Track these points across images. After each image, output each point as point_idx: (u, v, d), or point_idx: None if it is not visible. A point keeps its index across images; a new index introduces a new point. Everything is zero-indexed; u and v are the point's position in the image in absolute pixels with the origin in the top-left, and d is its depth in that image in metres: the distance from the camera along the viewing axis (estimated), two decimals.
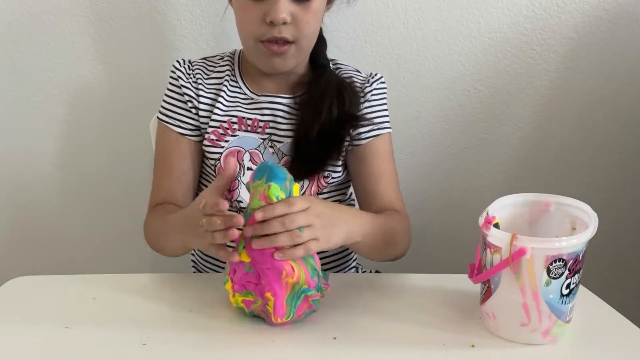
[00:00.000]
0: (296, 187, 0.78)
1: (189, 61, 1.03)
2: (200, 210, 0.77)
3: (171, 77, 1.02)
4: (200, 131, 1.01)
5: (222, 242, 0.75)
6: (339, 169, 1.01)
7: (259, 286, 0.76)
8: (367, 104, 1.02)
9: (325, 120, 0.95)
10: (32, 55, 1.27)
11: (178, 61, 1.02)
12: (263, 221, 0.74)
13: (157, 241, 0.98)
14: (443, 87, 1.30)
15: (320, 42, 1.03)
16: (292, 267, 0.74)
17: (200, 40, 1.26)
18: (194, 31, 1.26)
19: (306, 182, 0.99)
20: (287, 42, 0.92)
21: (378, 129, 1.01)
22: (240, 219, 0.74)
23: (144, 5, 1.24)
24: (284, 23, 0.90)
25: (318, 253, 0.79)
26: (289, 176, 0.77)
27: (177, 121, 1.01)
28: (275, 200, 0.74)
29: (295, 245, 0.75)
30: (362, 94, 1.02)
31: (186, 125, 1.01)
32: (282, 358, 0.72)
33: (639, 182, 1.37)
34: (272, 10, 0.89)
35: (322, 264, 0.95)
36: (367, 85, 1.03)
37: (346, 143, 1.00)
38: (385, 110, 1.04)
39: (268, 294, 0.75)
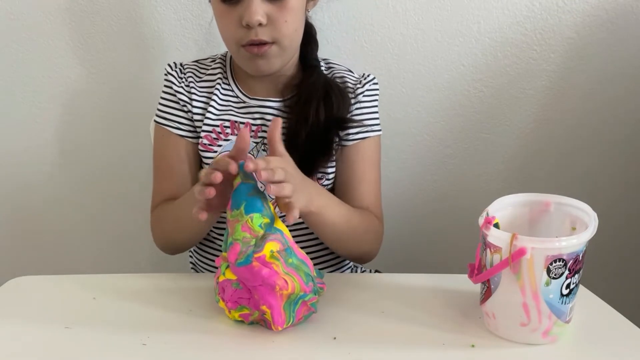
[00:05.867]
0: (269, 203, 0.78)
1: (181, 64, 1.03)
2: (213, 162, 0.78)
3: (165, 79, 1.02)
4: (197, 132, 1.01)
5: (199, 198, 0.76)
6: (332, 170, 1.01)
7: (252, 300, 0.75)
8: (357, 105, 1.01)
9: (312, 124, 0.95)
10: (32, 55, 1.27)
11: (170, 65, 1.03)
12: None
13: (170, 232, 0.98)
14: (443, 87, 1.30)
15: (311, 42, 1.03)
16: (285, 280, 0.73)
17: (200, 40, 1.26)
18: (194, 31, 1.26)
19: None
20: (266, 42, 0.92)
21: (367, 131, 1.01)
22: (218, 175, 0.73)
23: (145, 5, 1.24)
24: (260, 25, 0.90)
25: (308, 253, 0.78)
26: (263, 196, 0.76)
27: (175, 123, 1.01)
28: (259, 228, 0.74)
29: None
30: (352, 95, 1.01)
31: (184, 126, 1.01)
32: (282, 358, 0.72)
33: (639, 181, 1.37)
34: (246, 13, 0.89)
35: (317, 265, 0.95)
36: (358, 86, 1.02)
37: (335, 144, 0.99)
38: (376, 112, 1.03)
39: (264, 307, 0.74)
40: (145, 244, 1.29)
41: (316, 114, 0.96)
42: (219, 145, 0.99)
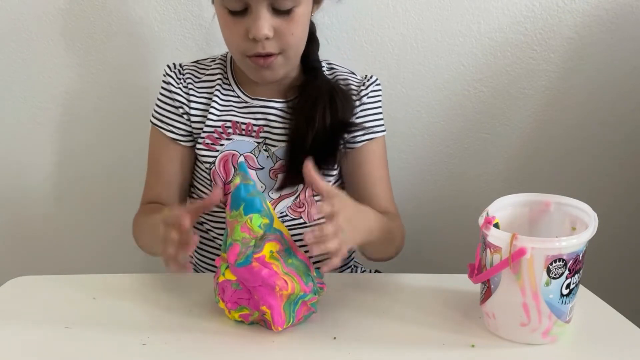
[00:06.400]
0: (268, 204, 0.78)
1: (180, 65, 1.03)
2: (163, 218, 0.76)
3: (163, 81, 1.02)
4: (192, 136, 1.01)
5: (173, 255, 0.75)
6: (334, 172, 1.01)
7: (252, 300, 0.75)
8: (361, 107, 1.01)
9: (318, 128, 0.95)
10: (32, 56, 1.27)
11: (169, 66, 1.02)
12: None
13: (137, 238, 1.00)
14: (443, 87, 1.30)
15: (312, 42, 1.02)
16: (285, 281, 0.73)
17: (200, 40, 1.26)
18: (194, 31, 1.26)
19: (300, 186, 1.00)
20: (272, 54, 0.91)
21: (372, 132, 1.01)
22: (195, 240, 0.74)
23: (145, 5, 1.24)
24: (267, 38, 0.89)
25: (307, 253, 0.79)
26: (262, 196, 0.76)
27: (169, 125, 1.01)
28: (258, 229, 0.74)
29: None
30: (356, 97, 1.01)
31: (178, 130, 1.01)
32: (282, 358, 0.72)
33: (639, 181, 1.37)
34: (254, 27, 0.88)
35: (317, 265, 0.95)
36: (362, 88, 1.02)
37: (340, 148, 0.99)
38: (380, 113, 1.03)
39: (263, 307, 0.74)
40: None
41: (322, 118, 0.95)
42: (221, 145, 0.99)
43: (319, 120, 0.95)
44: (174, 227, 0.74)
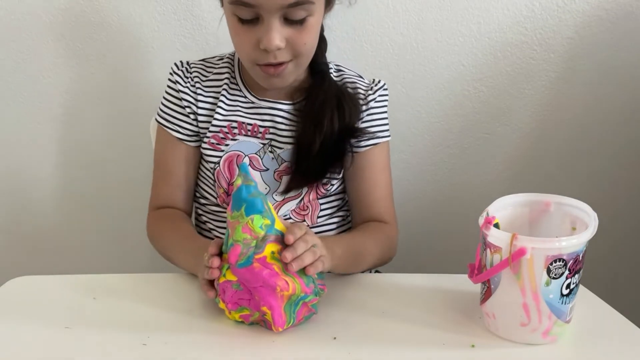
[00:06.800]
0: (269, 204, 0.78)
1: (187, 63, 1.02)
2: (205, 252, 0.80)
3: (169, 80, 1.01)
4: (199, 136, 1.00)
5: (207, 278, 0.78)
6: (339, 176, 1.01)
7: (252, 301, 0.75)
8: (368, 112, 1.01)
9: (326, 132, 0.94)
10: (32, 56, 1.27)
11: (176, 64, 1.01)
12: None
13: (164, 252, 0.98)
14: (443, 87, 1.30)
15: (320, 43, 1.02)
16: (286, 281, 0.73)
17: (200, 40, 1.26)
18: (194, 31, 1.26)
19: (305, 189, 0.99)
20: (283, 62, 0.90)
21: (377, 137, 1.01)
22: (215, 272, 0.76)
23: (145, 5, 1.24)
24: (279, 49, 0.88)
25: None
26: (263, 197, 0.76)
27: (175, 126, 1.00)
28: (259, 229, 0.74)
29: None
30: (364, 102, 1.01)
31: (185, 130, 1.00)
32: (282, 358, 0.72)
33: (639, 181, 1.37)
34: (265, 38, 0.86)
35: None
36: (370, 92, 1.01)
37: (347, 152, 0.99)
38: (386, 118, 1.03)
39: (264, 308, 0.74)
40: (145, 244, 1.29)
41: (330, 123, 0.95)
42: (226, 145, 0.99)
43: (327, 125, 0.94)
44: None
